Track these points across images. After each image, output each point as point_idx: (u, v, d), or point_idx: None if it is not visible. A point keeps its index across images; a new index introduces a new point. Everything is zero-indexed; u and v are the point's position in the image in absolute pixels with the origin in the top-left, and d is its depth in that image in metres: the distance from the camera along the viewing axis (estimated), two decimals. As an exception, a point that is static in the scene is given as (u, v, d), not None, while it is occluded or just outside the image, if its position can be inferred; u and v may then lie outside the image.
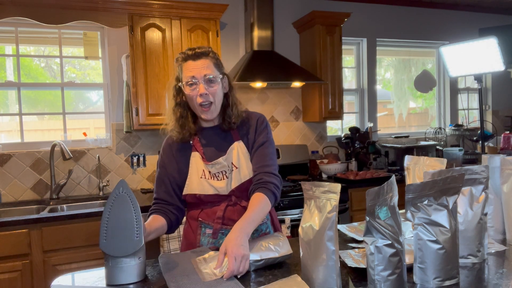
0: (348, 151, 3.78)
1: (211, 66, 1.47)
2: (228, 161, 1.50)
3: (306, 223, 1.04)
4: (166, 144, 1.59)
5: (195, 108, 1.49)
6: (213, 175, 1.50)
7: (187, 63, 1.47)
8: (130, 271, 1.14)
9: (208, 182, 1.49)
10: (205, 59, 1.47)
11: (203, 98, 1.45)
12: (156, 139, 3.32)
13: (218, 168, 1.50)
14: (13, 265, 2.31)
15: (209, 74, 1.45)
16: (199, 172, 1.51)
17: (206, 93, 1.45)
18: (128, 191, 1.16)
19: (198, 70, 1.45)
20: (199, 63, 1.46)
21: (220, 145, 1.54)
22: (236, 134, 1.56)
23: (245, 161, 1.52)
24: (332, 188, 0.99)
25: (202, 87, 1.44)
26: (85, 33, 3.17)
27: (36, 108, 3.20)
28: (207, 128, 1.57)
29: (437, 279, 1.02)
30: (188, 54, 1.47)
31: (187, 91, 1.46)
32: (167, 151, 1.57)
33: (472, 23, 4.48)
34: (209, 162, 1.50)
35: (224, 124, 1.54)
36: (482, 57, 2.84)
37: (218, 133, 1.56)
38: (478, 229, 1.18)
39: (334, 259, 0.98)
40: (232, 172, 1.50)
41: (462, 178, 1.04)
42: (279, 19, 3.68)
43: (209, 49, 1.50)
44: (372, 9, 4.09)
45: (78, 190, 3.10)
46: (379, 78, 4.32)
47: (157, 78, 2.95)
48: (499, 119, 4.68)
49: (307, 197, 1.06)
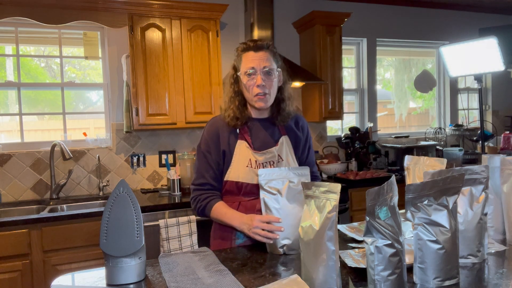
0: (348, 151, 3.78)
1: (270, 59, 1.52)
2: (277, 152, 1.56)
3: (306, 223, 1.04)
4: (213, 129, 1.60)
5: (250, 97, 1.54)
6: (259, 164, 1.54)
7: (248, 53, 1.52)
8: (130, 271, 1.14)
9: (253, 171, 1.52)
10: (265, 51, 1.52)
11: (260, 88, 1.50)
12: (156, 139, 3.32)
13: (267, 158, 1.55)
14: (13, 265, 2.31)
15: (268, 66, 1.50)
16: (245, 160, 1.53)
17: (263, 84, 1.49)
18: (129, 191, 1.16)
19: (258, 61, 1.50)
20: (259, 54, 1.51)
21: (268, 137, 1.58)
22: (284, 130, 1.62)
23: (290, 155, 1.60)
24: (332, 188, 0.99)
25: (260, 78, 1.49)
26: (85, 33, 3.17)
27: (36, 108, 3.20)
28: (256, 119, 1.60)
29: (437, 279, 1.02)
30: (250, 45, 1.53)
31: (245, 81, 1.51)
32: (213, 136, 1.59)
33: (472, 23, 4.48)
34: (259, 151, 1.54)
35: (276, 118, 1.59)
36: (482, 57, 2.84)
37: (267, 126, 1.60)
38: (478, 229, 1.18)
39: (334, 259, 0.98)
40: (277, 163, 1.56)
41: (462, 178, 1.04)
42: (279, 19, 3.68)
43: (270, 42, 1.56)
44: (372, 9, 4.09)
45: (78, 190, 3.10)
46: (379, 78, 4.32)
47: (157, 78, 2.95)
48: (499, 119, 4.68)
49: (307, 196, 1.07)
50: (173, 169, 3.00)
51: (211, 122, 1.64)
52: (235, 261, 1.30)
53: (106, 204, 1.15)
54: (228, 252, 1.40)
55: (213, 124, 1.62)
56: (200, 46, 3.05)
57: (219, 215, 1.51)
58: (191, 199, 1.61)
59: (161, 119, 2.97)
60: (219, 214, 1.51)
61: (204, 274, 1.17)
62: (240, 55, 1.54)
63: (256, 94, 1.50)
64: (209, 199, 1.54)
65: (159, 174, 3.33)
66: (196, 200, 1.57)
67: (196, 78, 3.05)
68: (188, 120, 3.04)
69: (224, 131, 1.58)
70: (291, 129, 1.64)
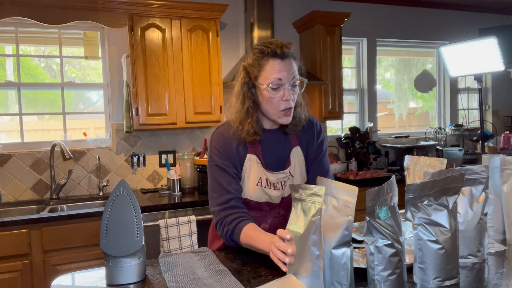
0: (348, 151, 3.78)
1: (296, 68, 1.32)
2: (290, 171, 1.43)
3: (292, 226, 1.02)
4: (222, 139, 1.40)
5: (272, 111, 1.33)
6: (270, 183, 1.40)
7: (274, 62, 1.29)
8: (130, 271, 1.14)
9: (263, 190, 1.40)
10: (292, 59, 1.32)
11: (287, 104, 1.31)
12: (156, 139, 3.32)
13: (280, 178, 1.41)
14: (13, 265, 2.31)
15: (296, 78, 1.32)
16: (255, 178, 1.39)
17: (291, 98, 1.31)
18: (129, 191, 1.16)
19: (287, 73, 1.29)
20: (287, 63, 1.30)
21: (280, 151, 1.43)
22: (295, 139, 1.46)
23: (299, 169, 1.45)
24: (317, 191, 0.95)
25: (288, 93, 1.30)
26: (85, 33, 3.17)
27: (36, 108, 3.20)
28: (268, 130, 1.43)
29: (437, 279, 1.02)
30: (275, 51, 1.29)
31: (269, 94, 1.30)
32: (226, 148, 1.39)
33: (472, 23, 4.48)
34: (271, 171, 1.40)
35: (288, 127, 1.41)
36: (482, 57, 2.84)
37: (279, 137, 1.44)
38: (478, 229, 1.18)
39: (318, 264, 0.95)
40: (288, 181, 1.43)
41: (462, 178, 1.04)
42: (279, 19, 3.68)
43: (293, 48, 1.34)
44: (372, 9, 4.09)
45: (78, 190, 3.10)
46: (379, 78, 4.32)
47: (157, 78, 2.95)
48: (499, 119, 4.68)
49: (295, 199, 1.03)
50: (173, 169, 3.00)
51: (218, 132, 1.43)
52: (235, 261, 1.29)
53: (106, 204, 1.15)
54: (228, 252, 1.40)
55: (220, 134, 1.42)
56: (200, 46, 3.05)
57: (249, 240, 1.25)
58: (216, 223, 1.37)
59: (161, 119, 2.97)
60: (249, 238, 1.25)
61: (204, 274, 1.17)
62: (260, 60, 1.31)
63: (283, 109, 1.31)
64: (238, 220, 1.31)
65: (159, 174, 3.33)
66: (223, 224, 1.33)
67: (196, 78, 3.05)
68: (188, 120, 3.04)
69: (233, 142, 1.39)
70: (303, 137, 1.48)
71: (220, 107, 3.11)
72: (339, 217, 0.96)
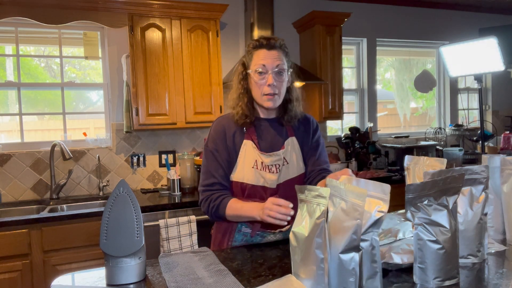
0: (348, 151, 3.78)
1: (282, 58, 1.49)
2: (283, 155, 1.53)
3: (296, 228, 1.01)
4: (220, 127, 1.56)
5: (258, 96, 1.50)
6: (265, 166, 1.50)
7: (260, 51, 1.48)
8: (130, 271, 1.14)
9: (259, 173, 1.50)
10: (278, 50, 1.49)
11: (270, 88, 1.47)
12: (156, 139, 3.32)
13: (273, 160, 1.51)
14: (13, 265, 2.31)
15: (280, 65, 1.47)
16: (251, 161, 1.50)
17: (274, 84, 1.47)
18: (129, 191, 1.16)
19: (271, 60, 1.46)
20: (272, 53, 1.48)
21: (275, 138, 1.55)
22: (291, 130, 1.59)
23: (295, 158, 1.56)
24: (322, 193, 0.94)
25: (271, 78, 1.46)
26: (85, 33, 3.17)
27: (36, 108, 3.20)
28: (264, 119, 1.57)
29: (437, 279, 1.02)
30: (262, 42, 1.49)
31: (256, 79, 1.48)
32: (221, 134, 1.54)
33: (472, 23, 4.48)
34: (266, 153, 1.51)
35: (284, 119, 1.56)
36: (482, 57, 2.84)
37: (274, 126, 1.57)
38: (478, 229, 1.18)
39: (323, 267, 0.94)
40: (283, 167, 1.52)
41: (462, 178, 1.04)
42: (279, 19, 3.68)
43: (282, 41, 1.53)
44: (372, 9, 4.09)
45: (78, 190, 3.10)
46: (379, 78, 4.32)
47: (157, 78, 2.95)
48: (499, 119, 4.68)
49: (300, 200, 1.02)
50: (173, 169, 3.00)
51: (218, 120, 1.59)
52: (235, 261, 1.30)
53: (106, 204, 1.15)
54: (228, 252, 1.40)
55: (220, 122, 1.57)
56: (200, 46, 3.05)
57: (235, 211, 1.43)
58: (201, 201, 1.52)
59: (161, 119, 2.97)
60: (235, 209, 1.43)
61: (204, 274, 1.17)
62: (252, 52, 1.50)
63: (266, 94, 1.47)
64: (222, 197, 1.47)
65: (159, 174, 3.33)
66: (208, 200, 1.49)
67: (196, 78, 3.05)
68: (188, 120, 3.04)
69: (231, 129, 1.54)
70: (298, 130, 1.61)
71: (220, 107, 3.11)
72: (347, 220, 0.93)
